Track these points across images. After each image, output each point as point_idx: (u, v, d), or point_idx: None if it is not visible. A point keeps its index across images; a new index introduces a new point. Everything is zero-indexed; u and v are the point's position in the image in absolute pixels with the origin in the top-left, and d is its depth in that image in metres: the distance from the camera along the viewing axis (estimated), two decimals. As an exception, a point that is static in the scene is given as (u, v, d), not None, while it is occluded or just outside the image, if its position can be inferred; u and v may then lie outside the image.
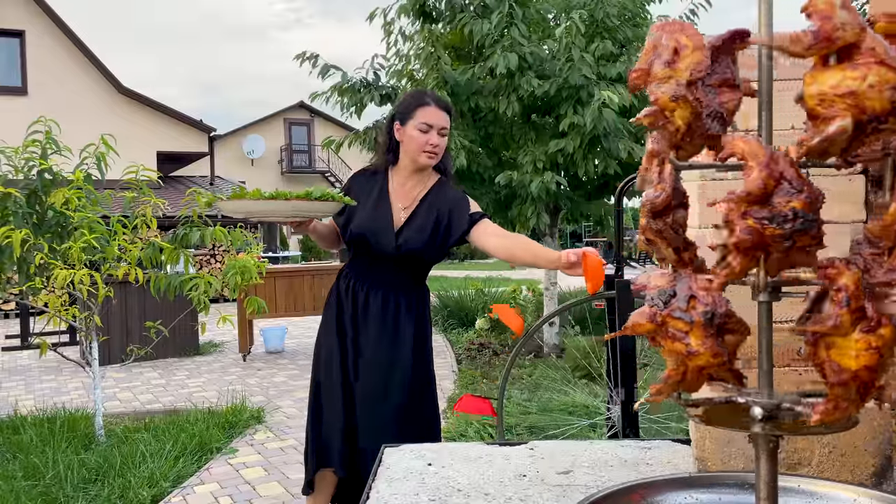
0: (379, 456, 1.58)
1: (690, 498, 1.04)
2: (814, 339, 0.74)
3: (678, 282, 0.82)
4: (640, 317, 0.82)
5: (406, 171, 2.49)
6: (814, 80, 0.69)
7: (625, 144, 6.77)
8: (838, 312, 0.72)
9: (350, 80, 7.36)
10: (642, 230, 0.86)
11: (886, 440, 1.17)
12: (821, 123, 0.69)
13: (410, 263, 2.47)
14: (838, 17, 0.67)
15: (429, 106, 2.41)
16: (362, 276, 2.50)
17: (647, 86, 0.80)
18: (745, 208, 0.74)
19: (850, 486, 1.00)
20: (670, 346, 0.81)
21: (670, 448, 1.46)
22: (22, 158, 4.67)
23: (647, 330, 0.82)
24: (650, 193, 0.83)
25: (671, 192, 0.83)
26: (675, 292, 0.82)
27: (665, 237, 0.85)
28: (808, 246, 0.75)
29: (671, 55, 0.79)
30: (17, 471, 4.22)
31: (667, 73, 0.78)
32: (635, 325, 0.83)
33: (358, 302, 2.48)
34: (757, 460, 0.85)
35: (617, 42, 7.34)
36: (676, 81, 0.78)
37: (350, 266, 2.55)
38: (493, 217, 7.86)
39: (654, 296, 0.82)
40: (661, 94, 0.78)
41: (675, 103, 0.78)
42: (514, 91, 6.92)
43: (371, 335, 2.45)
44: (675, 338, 0.80)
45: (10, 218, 4.44)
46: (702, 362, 0.80)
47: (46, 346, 4.71)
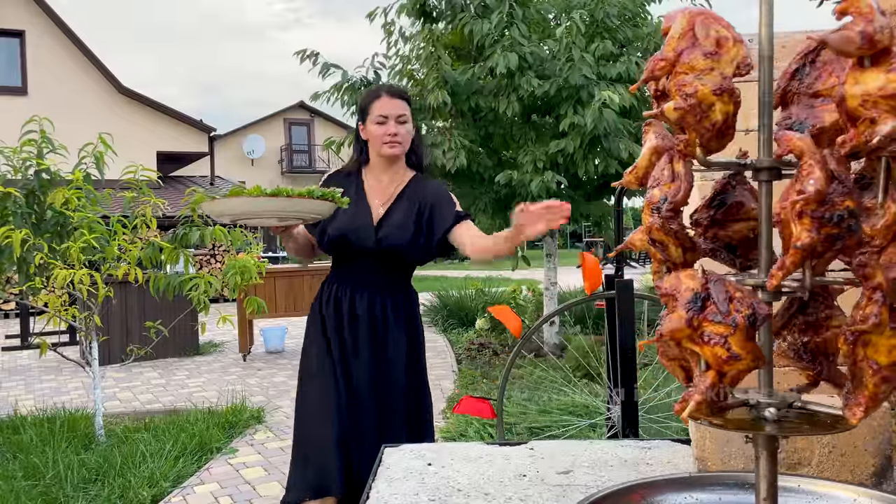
0: (379, 456, 1.58)
1: (690, 498, 1.04)
2: (853, 338, 0.74)
3: (711, 284, 0.78)
4: (678, 322, 0.77)
5: (378, 167, 2.46)
6: (856, 81, 0.69)
7: (625, 144, 6.77)
8: (878, 311, 0.72)
9: (350, 78, 7.36)
10: (648, 230, 0.82)
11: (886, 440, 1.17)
12: (862, 124, 0.69)
13: (393, 263, 2.40)
14: (878, 20, 0.67)
15: (381, 97, 2.40)
16: (346, 281, 2.42)
17: (669, 76, 0.76)
18: (804, 207, 0.71)
19: (850, 486, 1.00)
20: (709, 352, 0.77)
21: (670, 448, 1.46)
22: (20, 158, 4.67)
23: (685, 336, 0.77)
24: (667, 191, 0.79)
25: (690, 189, 0.80)
26: (711, 295, 0.77)
27: (678, 237, 0.82)
28: (851, 246, 0.74)
29: (714, 46, 0.74)
30: (17, 471, 4.21)
31: (708, 65, 0.74)
32: (675, 333, 0.77)
33: (342, 309, 2.39)
34: (757, 460, 0.85)
35: (617, 42, 7.34)
36: (721, 74, 0.74)
37: (332, 274, 2.48)
38: (493, 217, 7.86)
39: (689, 299, 0.77)
40: (700, 86, 0.74)
41: (719, 97, 0.74)
42: (515, 91, 6.92)
43: (362, 349, 2.37)
44: (714, 342, 0.76)
45: (9, 218, 4.44)
46: (743, 367, 0.77)
47: (46, 346, 4.71)
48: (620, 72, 6.89)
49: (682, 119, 0.76)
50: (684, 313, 0.77)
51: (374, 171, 2.46)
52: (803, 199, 0.71)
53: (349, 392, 2.35)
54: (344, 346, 2.38)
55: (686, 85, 0.74)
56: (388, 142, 2.38)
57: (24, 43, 15.74)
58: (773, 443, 0.84)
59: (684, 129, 0.78)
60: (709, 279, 0.78)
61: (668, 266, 0.85)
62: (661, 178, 0.81)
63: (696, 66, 0.74)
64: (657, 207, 0.80)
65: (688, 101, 0.74)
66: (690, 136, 0.77)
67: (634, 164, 0.85)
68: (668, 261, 0.84)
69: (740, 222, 0.89)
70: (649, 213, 0.81)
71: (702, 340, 0.77)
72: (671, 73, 0.76)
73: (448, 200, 2.41)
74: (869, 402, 0.75)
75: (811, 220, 0.71)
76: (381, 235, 2.35)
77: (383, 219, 2.39)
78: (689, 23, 0.75)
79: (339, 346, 2.38)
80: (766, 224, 0.83)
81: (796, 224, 0.72)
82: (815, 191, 0.70)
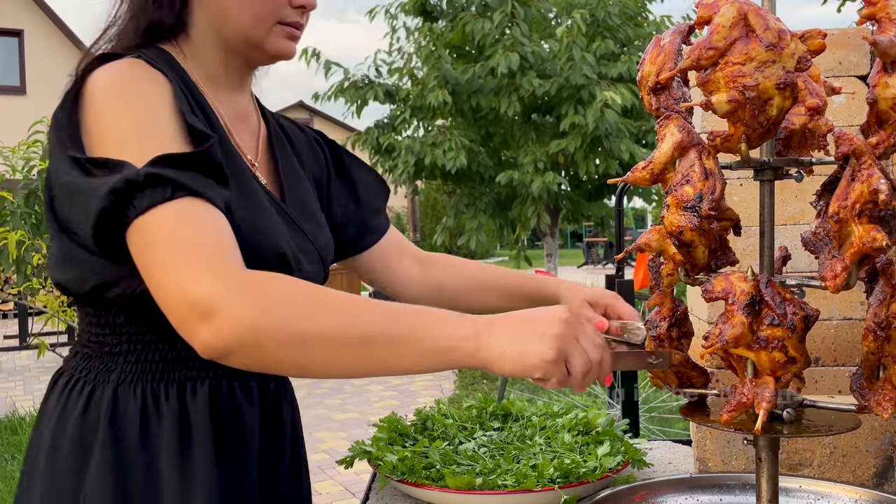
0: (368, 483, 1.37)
1: (691, 499, 1.03)
2: (885, 335, 0.73)
3: (763, 286, 0.75)
4: (741, 328, 0.73)
5: (223, 72, 1.05)
6: (887, 85, 0.69)
7: (626, 145, 6.77)
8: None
9: (352, 77, 7.36)
10: (678, 229, 0.75)
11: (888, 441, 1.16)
12: (890, 126, 0.70)
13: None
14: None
15: None
16: (192, 369, 0.97)
17: (715, 65, 0.71)
18: (863, 207, 0.70)
19: (851, 487, 1.00)
20: (766, 356, 0.74)
21: (671, 448, 1.45)
22: (21, 158, 4.67)
23: (746, 342, 0.74)
24: (702, 189, 0.74)
25: (724, 186, 0.76)
26: (763, 298, 0.74)
27: (710, 237, 0.77)
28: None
29: (776, 38, 0.70)
30: (16, 471, 4.21)
31: (770, 57, 0.70)
32: (739, 339, 0.74)
33: (229, 430, 0.97)
34: (758, 461, 0.84)
35: (618, 41, 7.34)
36: (783, 67, 0.70)
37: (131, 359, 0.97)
38: (493, 217, 7.86)
39: (746, 303, 0.73)
40: (763, 79, 0.70)
41: (780, 91, 0.70)
42: (515, 90, 6.92)
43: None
44: (773, 347, 0.73)
45: (7, 218, 4.44)
46: (796, 370, 0.75)
47: (45, 347, 4.70)
48: (621, 71, 6.89)
49: (733, 112, 0.71)
50: (744, 318, 0.73)
51: (216, 81, 1.04)
52: (877, 199, 0.68)
53: None
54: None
55: (745, 77, 0.70)
56: (290, 24, 1.01)
57: (22, 42, 15.74)
58: (776, 444, 0.84)
59: (732, 123, 0.73)
60: (759, 280, 0.75)
61: (686, 268, 0.80)
62: (690, 174, 0.75)
63: (757, 57, 0.69)
64: (692, 206, 0.74)
65: (746, 94, 0.70)
66: (738, 130, 0.73)
67: (648, 158, 0.79)
68: (689, 262, 0.79)
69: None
70: (678, 212, 0.75)
71: (758, 345, 0.74)
72: (716, 64, 0.71)
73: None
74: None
75: (869, 219, 0.70)
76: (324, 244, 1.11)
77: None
78: (739, 12, 0.70)
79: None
80: (768, 224, 0.82)
81: (857, 224, 0.70)
82: (875, 190, 0.68)
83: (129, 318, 0.94)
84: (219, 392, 0.96)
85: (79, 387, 0.95)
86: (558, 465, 1.10)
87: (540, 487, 1.06)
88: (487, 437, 1.32)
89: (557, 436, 1.27)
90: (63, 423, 0.94)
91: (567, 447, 1.23)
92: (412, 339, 0.76)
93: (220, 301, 0.74)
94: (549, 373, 0.77)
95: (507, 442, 1.30)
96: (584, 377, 0.78)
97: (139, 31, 0.98)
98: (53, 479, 0.93)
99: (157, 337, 0.94)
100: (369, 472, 1.33)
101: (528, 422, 1.38)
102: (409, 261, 1.27)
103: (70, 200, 0.86)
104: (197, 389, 0.94)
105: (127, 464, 0.90)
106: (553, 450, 1.22)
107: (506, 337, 0.77)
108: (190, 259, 0.77)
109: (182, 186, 0.80)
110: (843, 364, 1.19)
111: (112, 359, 0.95)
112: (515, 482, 1.07)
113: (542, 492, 1.06)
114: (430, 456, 1.20)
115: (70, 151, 0.85)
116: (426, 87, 6.95)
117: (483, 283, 1.25)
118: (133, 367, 0.94)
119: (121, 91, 0.88)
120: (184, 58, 1.00)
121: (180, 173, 0.81)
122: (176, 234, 0.78)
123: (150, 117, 0.86)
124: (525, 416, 1.41)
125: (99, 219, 0.80)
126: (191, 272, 0.76)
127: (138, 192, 0.79)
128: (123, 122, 0.85)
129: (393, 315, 0.77)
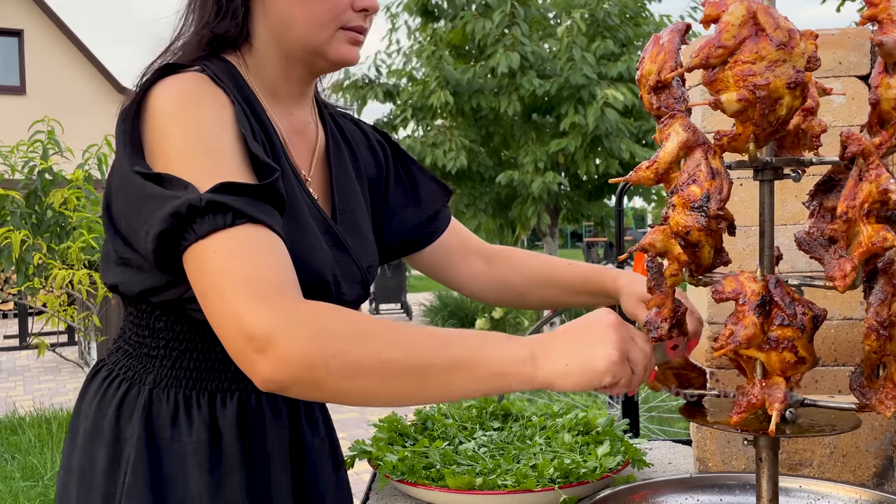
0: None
1: (691, 499, 1.03)
2: (888, 334, 0.73)
3: (772, 286, 0.74)
4: (753, 329, 0.73)
5: (284, 86, 1.04)
6: (889, 86, 0.69)
7: (626, 145, 6.78)
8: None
9: (352, 76, 7.37)
10: (685, 229, 0.75)
11: (888, 441, 1.16)
12: (892, 126, 0.70)
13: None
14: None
15: None
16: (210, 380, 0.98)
17: (723, 64, 0.71)
18: (870, 208, 0.70)
19: (851, 487, 0.99)
20: (776, 357, 0.74)
21: (671, 448, 1.45)
22: (21, 158, 4.67)
23: (757, 343, 0.73)
24: (710, 188, 0.74)
25: (731, 186, 0.75)
26: (772, 299, 0.74)
27: (716, 237, 0.77)
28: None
29: (786, 37, 0.70)
30: (16, 471, 4.21)
31: (781, 56, 0.69)
32: (752, 340, 0.73)
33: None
34: (759, 461, 0.84)
35: (618, 41, 7.34)
36: (794, 67, 0.70)
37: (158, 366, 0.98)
38: (493, 217, 7.87)
39: (757, 303, 0.73)
40: (773, 78, 0.69)
41: (791, 91, 0.70)
42: (516, 90, 6.93)
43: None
44: (783, 347, 0.73)
45: (8, 218, 4.44)
46: (804, 370, 0.75)
47: (45, 347, 4.70)
48: (621, 71, 6.89)
49: (743, 112, 0.71)
50: (756, 318, 0.73)
51: (277, 93, 1.03)
52: (887, 199, 0.69)
53: None
54: None
55: (755, 76, 0.69)
56: (353, 28, 0.99)
57: (22, 42, 15.74)
58: (776, 444, 0.84)
59: (741, 122, 0.73)
60: (768, 281, 0.75)
61: (691, 269, 0.80)
62: (697, 174, 0.74)
63: (768, 56, 0.69)
64: (699, 206, 0.74)
65: (757, 93, 0.70)
66: (746, 130, 0.73)
67: (653, 158, 0.78)
68: (693, 263, 0.79)
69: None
70: (685, 212, 0.75)
71: (769, 346, 0.74)
72: (724, 63, 0.71)
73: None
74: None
75: (876, 219, 0.70)
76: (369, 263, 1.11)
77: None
78: (748, 10, 0.70)
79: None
80: (768, 224, 0.82)
81: (865, 224, 0.70)
82: (885, 190, 0.68)
83: (168, 323, 0.95)
84: (248, 407, 0.97)
85: (116, 382, 0.98)
86: (558, 465, 1.10)
87: (540, 487, 1.06)
88: (487, 437, 1.32)
89: (557, 436, 1.27)
90: (100, 416, 0.97)
91: (567, 447, 1.23)
92: (467, 366, 0.76)
93: (277, 334, 0.74)
94: (616, 374, 0.76)
95: (507, 442, 1.30)
96: (644, 373, 0.79)
97: (202, 44, 0.97)
98: (91, 467, 0.95)
99: (192, 346, 0.95)
100: (369, 472, 1.33)
101: (528, 422, 1.38)
102: (474, 258, 1.27)
103: (134, 210, 0.86)
104: (227, 402, 0.96)
105: (158, 461, 0.93)
106: (553, 450, 1.22)
107: (565, 351, 0.77)
108: (247, 289, 0.76)
109: (242, 214, 0.80)
110: (844, 364, 1.19)
111: (149, 361, 0.97)
112: (515, 482, 1.07)
113: (542, 492, 1.06)
114: (430, 456, 1.19)
115: (136, 167, 0.85)
116: (427, 88, 6.95)
117: (548, 279, 1.25)
118: (168, 372, 0.96)
119: (182, 110, 0.87)
120: (246, 69, 0.99)
121: (241, 200, 0.80)
122: (234, 262, 0.78)
123: (211, 140, 0.85)
124: (525, 416, 1.41)
125: (159, 241, 0.81)
126: (247, 303, 0.75)
127: (199, 216, 0.79)
128: (185, 144, 0.85)
129: (446, 342, 0.78)
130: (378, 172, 1.18)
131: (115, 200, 0.92)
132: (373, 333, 0.77)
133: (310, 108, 1.10)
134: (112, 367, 1.00)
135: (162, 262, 0.83)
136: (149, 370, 0.96)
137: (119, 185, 0.89)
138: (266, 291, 0.76)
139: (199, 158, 0.83)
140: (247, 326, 0.74)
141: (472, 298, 1.34)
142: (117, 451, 0.94)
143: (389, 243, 1.20)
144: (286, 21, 0.96)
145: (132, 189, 0.85)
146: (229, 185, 0.80)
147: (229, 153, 0.85)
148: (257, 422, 0.97)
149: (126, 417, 0.95)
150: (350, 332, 0.76)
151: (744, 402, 0.77)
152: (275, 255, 0.80)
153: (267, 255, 0.79)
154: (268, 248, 0.80)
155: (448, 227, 1.24)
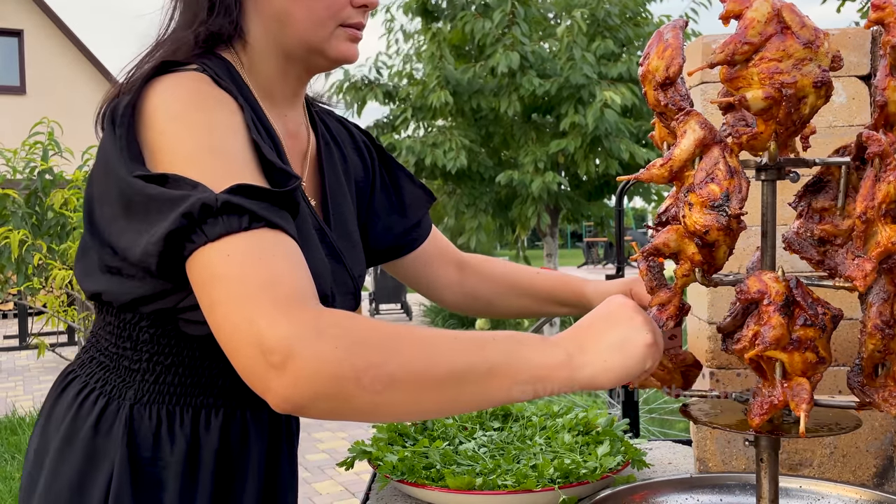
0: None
1: (691, 499, 1.03)
2: (893, 332, 0.73)
3: (794, 286, 0.74)
4: (780, 329, 0.72)
5: (280, 86, 1.00)
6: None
7: (626, 145, 6.78)
8: None
9: (352, 77, 7.37)
10: (704, 228, 0.73)
11: (888, 441, 1.16)
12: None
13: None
14: None
15: None
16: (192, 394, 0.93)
17: (748, 61, 0.70)
18: (888, 209, 0.69)
19: (851, 487, 0.99)
20: (799, 357, 0.73)
21: (671, 448, 1.45)
22: (22, 159, 4.67)
23: (783, 344, 0.72)
24: (729, 187, 0.72)
25: (748, 184, 0.74)
26: (795, 299, 0.73)
27: (734, 237, 0.76)
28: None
29: (812, 36, 0.69)
30: (16, 471, 4.21)
31: (807, 55, 0.69)
32: (779, 340, 0.72)
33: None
34: (759, 461, 0.84)
35: (618, 41, 7.34)
36: (819, 66, 0.70)
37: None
38: (493, 217, 7.87)
39: (782, 304, 0.72)
40: (801, 76, 0.69)
41: (817, 90, 0.69)
42: (516, 90, 6.93)
43: None
44: (806, 347, 0.72)
45: (8, 219, 4.44)
46: (824, 370, 0.74)
47: (44, 347, 4.70)
48: (621, 71, 6.89)
49: (767, 110, 0.70)
50: (782, 319, 0.72)
51: (272, 94, 0.99)
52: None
53: None
54: None
55: (782, 73, 0.68)
56: (352, 25, 0.96)
57: (22, 42, 15.74)
58: (776, 444, 0.84)
59: (763, 120, 0.72)
60: (790, 281, 0.74)
61: (703, 269, 0.79)
62: (715, 172, 0.73)
63: (795, 54, 0.68)
64: (719, 205, 0.72)
65: (784, 92, 0.69)
66: (769, 128, 0.72)
67: (667, 155, 0.77)
68: (707, 263, 0.78)
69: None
70: (704, 211, 0.73)
71: (792, 346, 0.73)
72: (748, 60, 0.70)
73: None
74: None
75: (893, 219, 0.70)
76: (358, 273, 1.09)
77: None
78: (773, 7, 0.69)
79: None
80: (771, 224, 0.82)
81: (884, 224, 0.70)
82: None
83: (153, 336, 0.89)
84: (232, 422, 0.92)
85: (93, 397, 0.91)
86: (558, 465, 1.10)
87: (540, 487, 1.06)
88: (487, 437, 1.32)
89: (557, 436, 1.27)
90: (74, 432, 0.90)
91: (567, 447, 1.23)
92: (505, 373, 0.72)
93: (298, 347, 0.66)
94: (655, 357, 0.75)
95: (507, 442, 1.30)
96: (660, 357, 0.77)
97: (199, 41, 0.90)
98: (57, 485, 0.89)
99: (178, 360, 0.89)
100: (369, 473, 1.33)
101: (528, 422, 1.38)
102: (451, 266, 1.25)
103: (135, 217, 0.78)
104: (211, 420, 0.90)
105: (141, 483, 0.87)
106: (553, 450, 1.22)
107: (601, 345, 0.74)
108: (264, 297, 0.68)
109: (259, 217, 0.73)
110: (844, 364, 1.19)
111: (130, 375, 0.90)
112: (515, 482, 1.07)
113: (542, 492, 1.06)
114: (430, 456, 1.19)
115: (137, 172, 0.78)
116: (427, 88, 6.95)
117: (518, 288, 1.24)
118: (151, 387, 0.89)
119: (189, 111, 0.81)
120: (243, 69, 0.94)
121: (258, 204, 0.74)
122: (249, 268, 0.70)
123: (221, 142, 0.79)
124: (525, 416, 1.41)
125: (165, 243, 0.73)
126: (265, 313, 0.68)
127: (211, 217, 0.72)
128: (190, 147, 0.78)
129: (479, 346, 0.72)
130: (365, 175, 1.15)
131: (98, 208, 0.85)
132: (405, 343, 0.70)
133: (301, 109, 1.06)
134: (87, 379, 0.93)
135: (163, 268, 0.76)
136: (129, 384, 0.89)
137: (109, 192, 0.81)
138: (285, 300, 0.69)
139: (209, 159, 0.77)
140: (264, 338, 0.67)
141: (445, 307, 1.31)
142: (90, 469, 0.87)
143: (375, 247, 1.17)
144: (284, 18, 0.91)
145: (132, 195, 0.78)
146: (246, 187, 0.74)
147: (241, 157, 0.79)
148: (239, 437, 0.92)
149: (104, 434, 0.88)
150: (382, 343, 0.69)
151: (766, 403, 0.76)
152: (294, 262, 0.74)
153: (285, 261, 0.73)
154: (286, 255, 0.74)
155: (429, 235, 1.22)
